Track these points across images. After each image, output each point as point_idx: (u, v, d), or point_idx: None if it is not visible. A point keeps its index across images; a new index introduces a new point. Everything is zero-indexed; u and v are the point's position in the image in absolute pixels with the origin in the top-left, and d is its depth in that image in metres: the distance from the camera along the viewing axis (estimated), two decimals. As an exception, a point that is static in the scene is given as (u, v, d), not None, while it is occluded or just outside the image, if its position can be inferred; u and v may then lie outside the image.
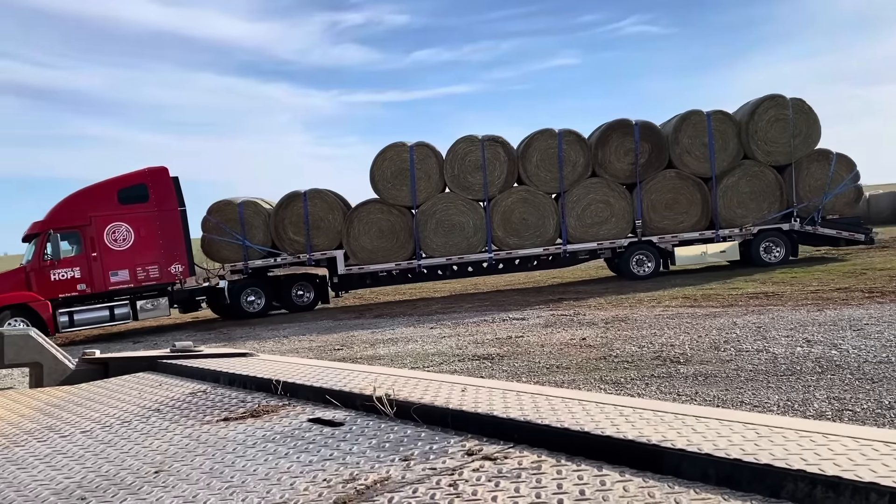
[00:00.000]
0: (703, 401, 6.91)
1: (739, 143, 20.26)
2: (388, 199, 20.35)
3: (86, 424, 2.16)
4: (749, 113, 20.23)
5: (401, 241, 20.43)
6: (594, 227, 20.36)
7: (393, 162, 20.29)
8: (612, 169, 20.33)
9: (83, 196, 19.22)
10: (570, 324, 12.71)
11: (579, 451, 1.39)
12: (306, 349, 12.99)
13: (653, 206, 20.34)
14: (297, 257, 20.64)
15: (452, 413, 1.67)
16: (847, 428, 1.36)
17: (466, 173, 20.21)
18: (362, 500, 1.27)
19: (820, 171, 20.17)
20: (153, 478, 1.54)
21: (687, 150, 20.30)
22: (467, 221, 20.25)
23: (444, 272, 20.88)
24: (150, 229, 19.50)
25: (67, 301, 18.51)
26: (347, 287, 21.22)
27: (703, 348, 9.27)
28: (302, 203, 20.52)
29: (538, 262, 20.95)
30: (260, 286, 20.58)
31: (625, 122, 20.48)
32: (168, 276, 19.62)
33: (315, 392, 2.10)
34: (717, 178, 20.24)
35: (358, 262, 20.48)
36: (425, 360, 10.51)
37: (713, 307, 13.15)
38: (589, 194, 20.34)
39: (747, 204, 20.35)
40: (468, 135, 20.43)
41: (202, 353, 3.06)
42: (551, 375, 8.58)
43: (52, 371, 3.17)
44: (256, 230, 20.68)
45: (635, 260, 20.41)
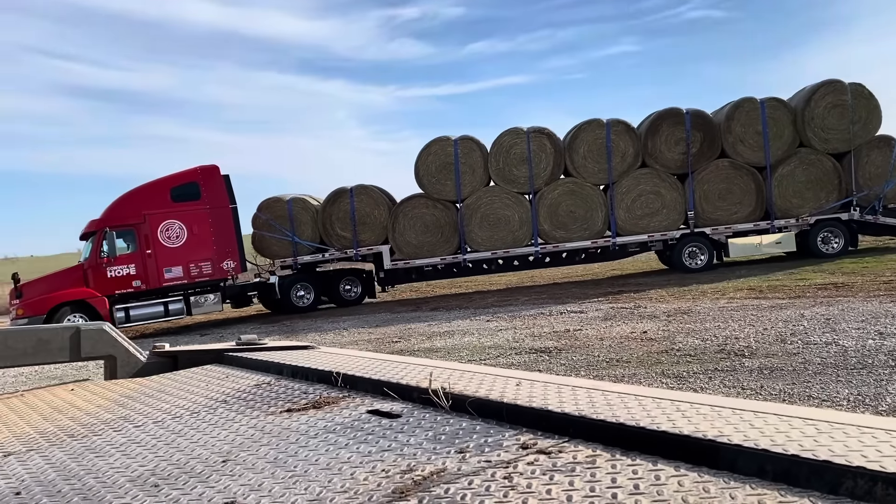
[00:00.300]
0: (768, 395, 6.68)
1: (795, 130, 19.54)
2: (432, 194, 20.34)
3: (157, 415, 2.25)
4: (805, 99, 19.48)
5: (446, 235, 20.41)
6: (644, 218, 19.94)
7: (437, 156, 20.26)
8: (662, 159, 19.86)
9: (137, 195, 19.77)
10: (631, 316, 12.47)
11: (634, 446, 1.39)
12: (365, 341, 13.12)
13: (705, 197, 19.80)
14: (344, 252, 20.83)
15: (507, 407, 1.68)
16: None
17: (512, 166, 20.03)
18: (419, 491, 1.28)
19: (881, 158, 19.30)
20: (221, 466, 1.59)
21: (740, 139, 19.68)
22: (513, 215, 20.08)
23: (489, 266, 20.78)
24: (202, 226, 19.94)
25: (123, 297, 19.09)
26: (393, 282, 21.33)
27: (769, 341, 8.98)
28: (348, 199, 20.68)
29: (586, 256, 20.64)
30: (309, 281, 20.86)
31: (675, 110, 19.98)
32: (220, 272, 20.04)
33: (373, 384, 2.14)
34: (771, 167, 19.57)
35: (403, 256, 20.54)
36: (481, 353, 10.43)
37: (779, 299, 12.69)
38: (639, 185, 19.93)
39: (804, 193, 19.63)
40: (513, 127, 20.24)
41: (266, 346, 3.14)
42: (611, 369, 8.38)
43: (125, 364, 3.29)
44: (305, 226, 20.94)
45: (688, 252, 19.92)
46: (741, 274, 17.43)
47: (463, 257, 20.28)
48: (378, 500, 1.28)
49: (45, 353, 3.17)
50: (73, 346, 3.19)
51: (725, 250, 19.83)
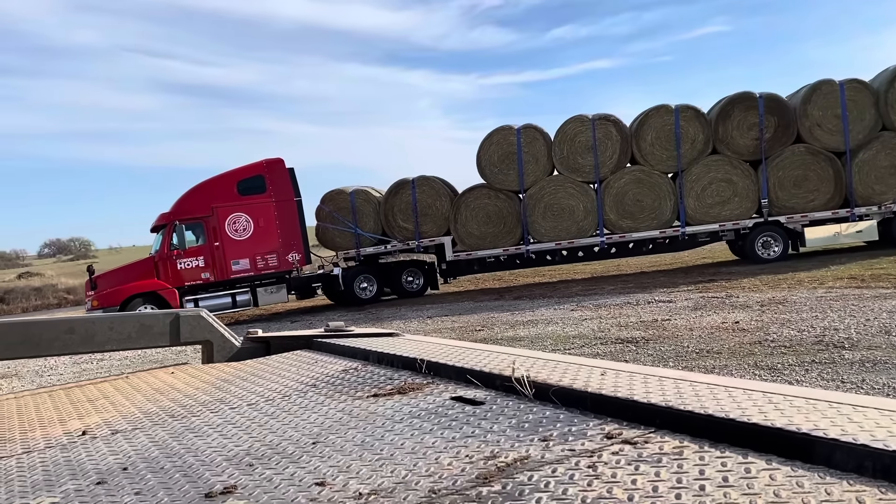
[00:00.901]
0: (870, 389, 6.38)
1: (878, 113, 18.52)
2: (494, 184, 20.08)
3: (251, 398, 2.33)
4: (889, 80, 18.42)
5: (508, 226, 20.13)
6: (715, 207, 19.24)
7: (500, 146, 19.98)
8: (734, 145, 19.11)
9: (205, 188, 20.16)
10: (722, 306, 12.09)
11: (724, 438, 1.34)
12: (448, 329, 13.15)
13: (780, 184, 18.97)
14: (406, 244, 20.80)
15: (591, 396, 1.66)
16: None
17: (576, 154, 19.59)
18: (503, 478, 1.28)
19: (974, 140, 18.11)
20: (311, 448, 1.64)
21: (817, 123, 18.77)
22: (577, 205, 19.66)
23: (553, 257, 20.42)
24: (268, 219, 20.22)
25: (193, 289, 19.52)
26: (455, 273, 21.20)
27: (872, 333, 8.56)
28: (410, 190, 20.61)
29: (653, 246, 20.08)
30: (371, 273, 20.91)
31: (748, 94, 19.18)
32: (286, 264, 20.29)
33: (457, 371, 2.16)
34: (851, 153, 18.61)
35: (465, 248, 20.37)
36: (566, 342, 10.28)
37: (883, 288, 12.07)
38: (709, 173, 19.23)
39: (887, 179, 18.61)
40: (577, 114, 19.79)
41: (353, 333, 3.21)
42: (701, 360, 8.15)
43: (221, 348, 3.42)
44: (367, 218, 20.99)
45: (761, 242, 19.15)
46: (842, 261, 16.66)
47: (526, 248, 19.98)
48: (462, 485, 1.28)
49: (148, 337, 3.34)
50: (173, 332, 3.35)
51: (801, 240, 18.98)
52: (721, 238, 19.93)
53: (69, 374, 12.97)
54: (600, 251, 20.01)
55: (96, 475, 1.67)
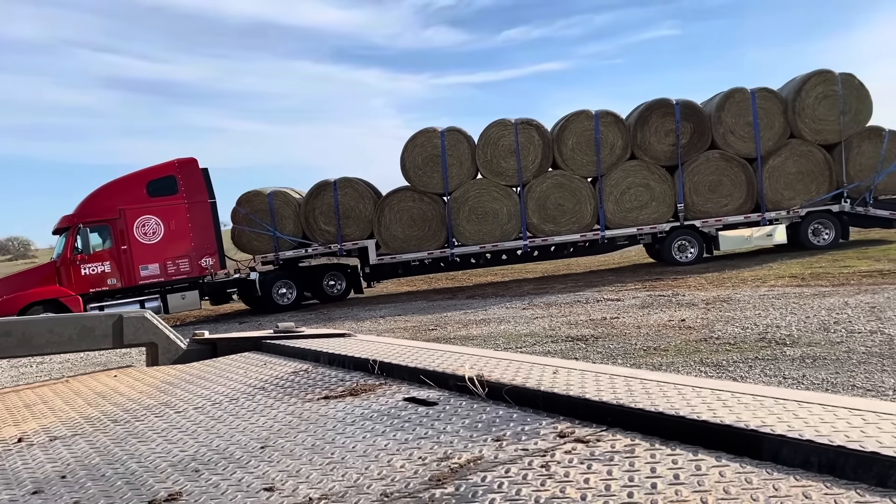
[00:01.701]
0: (810, 384, 6.55)
1: (786, 121, 19.33)
2: (419, 187, 19.84)
3: (198, 401, 2.26)
4: (796, 90, 19.27)
5: (433, 229, 19.92)
6: (633, 211, 19.62)
7: (424, 148, 19.75)
8: (652, 151, 19.55)
9: (112, 189, 19.04)
10: (668, 304, 12.36)
11: (674, 435, 1.35)
12: (401, 329, 13.14)
13: (695, 189, 19.53)
14: (328, 247, 20.27)
15: (544, 395, 1.66)
16: None
17: (500, 158, 19.59)
18: (456, 479, 1.27)
19: (872, 149, 19.15)
20: (259, 452, 1.60)
21: (731, 130, 19.43)
22: (501, 208, 19.65)
23: (477, 261, 20.35)
24: (179, 222, 19.29)
25: (98, 296, 18.38)
26: (379, 277, 20.82)
27: (812, 329, 8.85)
28: (332, 192, 20.10)
29: (575, 249, 20.31)
30: (291, 277, 20.25)
31: (665, 101, 19.67)
32: (199, 269, 19.40)
33: (410, 372, 2.13)
34: (762, 159, 19.36)
35: (389, 251, 20.04)
36: (518, 341, 10.37)
37: (822, 286, 12.50)
38: (628, 178, 19.60)
39: (794, 185, 19.44)
40: (501, 118, 19.80)
41: (303, 334, 3.16)
42: (648, 358, 8.28)
43: (166, 350, 3.35)
44: (287, 220, 20.34)
45: (677, 245, 19.65)
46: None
47: (451, 251, 19.82)
48: (415, 488, 1.27)
49: (90, 340, 3.25)
50: (116, 334, 3.26)
51: (715, 243, 19.60)
52: (639, 241, 20.36)
53: (6, 379, 12.25)
54: (523, 254, 20.08)
55: (32, 484, 1.61)
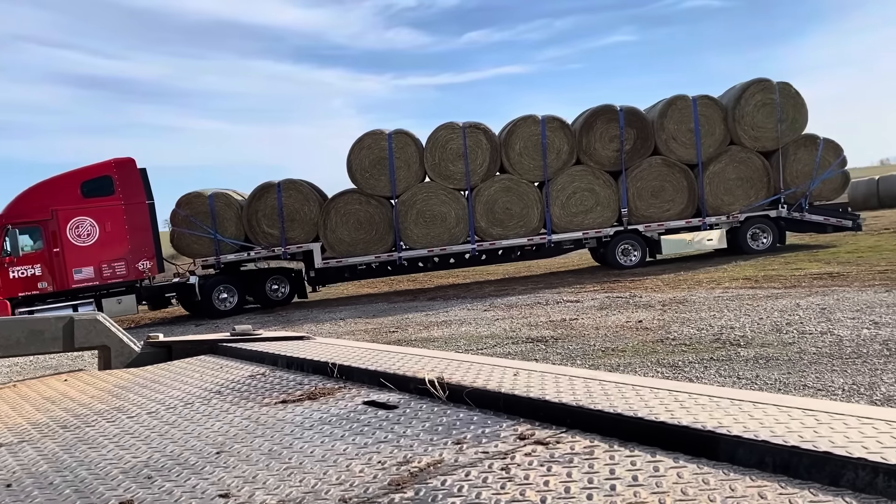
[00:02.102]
0: (763, 385, 6.64)
1: (726, 128, 19.82)
2: (366, 190, 19.59)
3: (151, 406, 2.21)
4: (735, 98, 19.78)
5: (380, 232, 19.69)
6: (579, 215, 19.80)
7: (371, 150, 19.53)
8: (596, 156, 19.77)
9: (44, 188, 18.22)
10: (626, 306, 12.50)
11: (633, 436, 1.36)
12: (362, 332, 13.02)
13: (639, 194, 19.83)
14: (271, 251, 19.82)
15: (504, 397, 1.65)
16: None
17: (448, 161, 19.52)
18: (416, 483, 1.25)
19: (807, 156, 19.79)
20: (215, 458, 1.56)
21: (673, 137, 19.81)
22: (449, 211, 19.56)
23: (425, 264, 20.19)
24: (116, 223, 18.59)
25: (28, 300, 17.51)
26: (325, 281, 20.46)
27: (765, 331, 9.02)
28: (276, 194, 19.68)
29: (522, 253, 20.35)
30: (232, 282, 19.72)
31: (609, 107, 19.93)
32: (135, 272, 18.72)
33: (370, 375, 2.10)
34: (703, 165, 19.79)
35: (335, 254, 19.71)
36: (478, 342, 10.40)
37: (775, 288, 12.78)
38: (573, 182, 19.77)
39: (734, 191, 19.93)
40: (448, 121, 19.74)
41: (261, 337, 3.10)
42: (606, 359, 8.36)
43: (119, 354, 3.27)
44: (228, 223, 19.82)
45: (621, 249, 19.90)
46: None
47: (398, 255, 19.62)
48: (374, 492, 1.25)
49: (39, 343, 3.15)
50: (67, 336, 3.17)
51: (658, 247, 19.92)
52: (584, 245, 20.53)
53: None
54: (471, 258, 20.03)
55: None
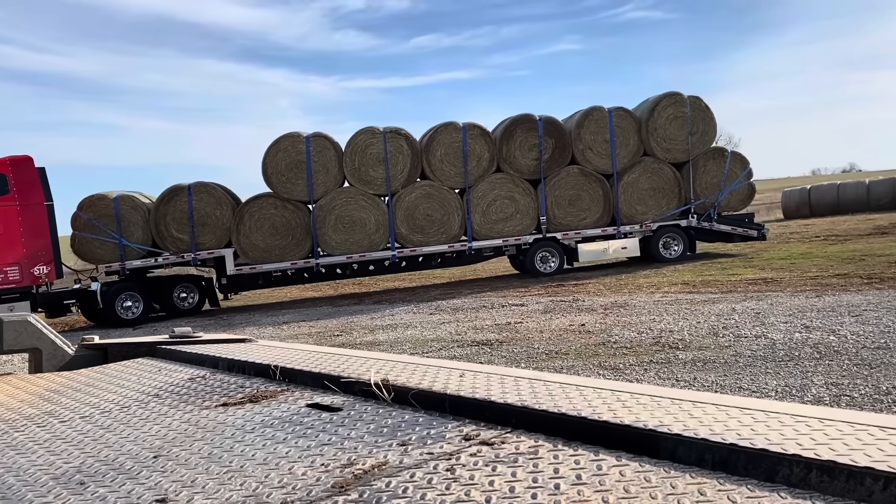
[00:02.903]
0: (701, 386, 6.76)
1: (640, 140, 20.35)
2: (282, 194, 19.00)
3: (85, 410, 2.15)
4: (649, 110, 20.36)
5: (297, 238, 19.12)
6: (499, 223, 19.85)
7: (287, 153, 18.97)
8: (516, 164, 19.90)
9: (-74, 187, 16.74)
10: (570, 310, 12.67)
11: (576, 436, 1.38)
12: (305, 335, 12.89)
13: (557, 203, 20.08)
14: (180, 257, 18.90)
15: (450, 398, 1.66)
16: (843, 413, 1.34)
17: (368, 167, 19.18)
18: (360, 485, 1.25)
19: (716, 168, 20.57)
20: (152, 462, 1.53)
21: (589, 147, 20.18)
22: (369, 217, 19.21)
23: (343, 271, 19.75)
24: (9, 225, 17.30)
25: None
26: (237, 288, 19.67)
27: (702, 334, 9.22)
28: (186, 197, 18.81)
29: (442, 260, 20.22)
30: (137, 289, 18.67)
31: (528, 116, 20.12)
32: (31, 278, 17.45)
33: (313, 377, 2.08)
34: (618, 175, 20.24)
35: (249, 261, 18.99)
36: (424, 345, 10.45)
37: (712, 293, 13.09)
38: (494, 190, 19.82)
39: (647, 201, 20.46)
40: (368, 126, 19.43)
41: (201, 339, 3.03)
42: (550, 361, 8.45)
43: (52, 356, 3.16)
44: (135, 227, 18.79)
45: (539, 257, 20.07)
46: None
47: (316, 261, 19.09)
48: (317, 495, 1.25)
49: None
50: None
51: (575, 255, 20.21)
52: (504, 252, 20.62)
53: None
54: (391, 265, 19.72)
55: None
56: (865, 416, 1.30)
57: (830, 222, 29.57)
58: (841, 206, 35.97)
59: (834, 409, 1.38)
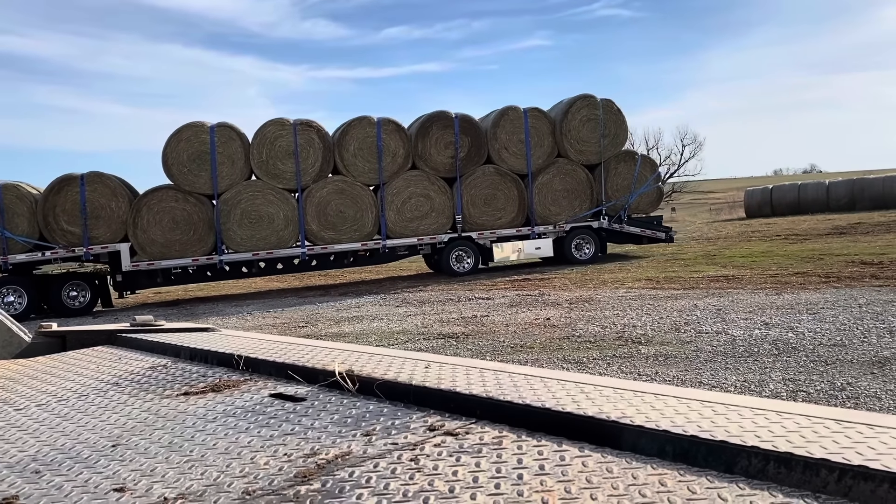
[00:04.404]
0: (662, 381, 6.75)
1: (554, 141, 20.41)
2: (183, 186, 17.94)
3: (41, 398, 2.11)
4: (563, 111, 20.45)
5: (199, 233, 18.09)
6: (414, 221, 19.43)
7: (190, 143, 17.95)
8: (432, 162, 19.55)
9: None
10: (535, 304, 12.66)
11: (540, 427, 1.39)
12: (270, 326, 12.72)
13: (472, 202, 19.85)
14: (71, 251, 17.54)
15: (415, 389, 1.67)
16: (800, 406, 1.37)
17: (276, 160, 18.39)
18: (323, 475, 1.25)
19: (626, 171, 20.86)
20: (110, 451, 1.51)
21: (505, 146, 20.08)
22: (277, 213, 18.40)
23: (249, 269, 18.84)
24: None
25: None
26: (133, 286, 18.43)
27: (664, 329, 9.23)
28: (78, 188, 17.49)
29: (355, 259, 19.59)
30: (21, 285, 17.20)
31: (444, 114, 19.83)
32: None
33: (277, 367, 2.07)
34: (532, 176, 20.22)
35: (147, 257, 17.82)
36: (390, 338, 10.36)
37: (675, 289, 13.13)
38: (409, 187, 19.39)
39: (560, 202, 20.52)
40: (277, 117, 18.67)
41: (163, 328, 3.00)
42: (515, 355, 8.44)
43: (7, 344, 3.09)
44: (20, 219, 17.34)
45: (455, 256, 19.78)
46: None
47: (219, 258, 18.11)
48: (279, 485, 1.23)
49: None
50: None
51: (490, 255, 20.03)
52: (419, 251, 20.20)
53: None
54: (301, 263, 18.96)
55: None
56: (820, 410, 1.33)
57: (791, 222, 30.59)
58: (801, 206, 37.36)
59: (791, 403, 1.39)
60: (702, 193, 76.76)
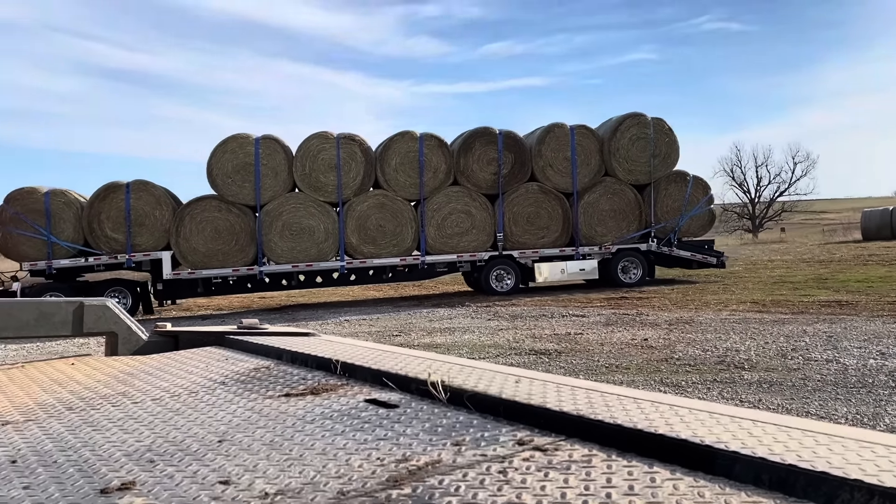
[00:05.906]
0: (766, 409, 6.34)
1: (601, 159, 19.91)
2: (227, 196, 18.01)
3: (156, 393, 2.23)
4: (612, 130, 19.95)
5: (241, 244, 18.11)
6: (454, 238, 19.12)
7: (235, 155, 18.03)
8: (474, 178, 19.26)
9: None
10: (632, 323, 12.36)
11: (631, 447, 1.36)
12: (365, 333, 12.86)
13: (514, 220, 19.45)
14: (113, 257, 17.73)
15: (505, 403, 1.66)
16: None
17: (319, 173, 18.33)
18: (414, 480, 1.27)
19: (678, 192, 20.21)
20: (217, 446, 1.58)
21: (550, 164, 19.66)
22: (318, 225, 18.31)
23: (289, 281, 18.77)
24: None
25: None
26: (174, 295, 18.57)
27: (770, 355, 8.80)
28: (123, 195, 17.71)
29: (394, 274, 19.36)
30: (63, 291, 17.42)
31: (488, 129, 19.55)
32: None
33: (372, 374, 2.12)
34: (578, 194, 19.74)
35: (188, 265, 17.91)
36: (481, 351, 10.29)
37: (782, 314, 12.62)
38: (450, 203, 19.11)
39: (607, 222, 19.98)
40: (321, 131, 18.63)
41: (267, 331, 3.11)
42: (610, 375, 8.24)
43: (126, 341, 3.26)
44: (66, 224, 17.60)
45: (495, 275, 19.39)
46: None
47: (259, 269, 18.09)
48: (372, 487, 1.26)
49: (48, 326, 3.13)
50: (76, 321, 3.16)
51: (531, 274, 19.57)
52: (458, 269, 19.85)
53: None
54: (340, 277, 18.81)
55: None
56: None
57: (913, 246, 29.06)
58: (924, 229, 35.19)
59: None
60: (814, 213, 74.11)
